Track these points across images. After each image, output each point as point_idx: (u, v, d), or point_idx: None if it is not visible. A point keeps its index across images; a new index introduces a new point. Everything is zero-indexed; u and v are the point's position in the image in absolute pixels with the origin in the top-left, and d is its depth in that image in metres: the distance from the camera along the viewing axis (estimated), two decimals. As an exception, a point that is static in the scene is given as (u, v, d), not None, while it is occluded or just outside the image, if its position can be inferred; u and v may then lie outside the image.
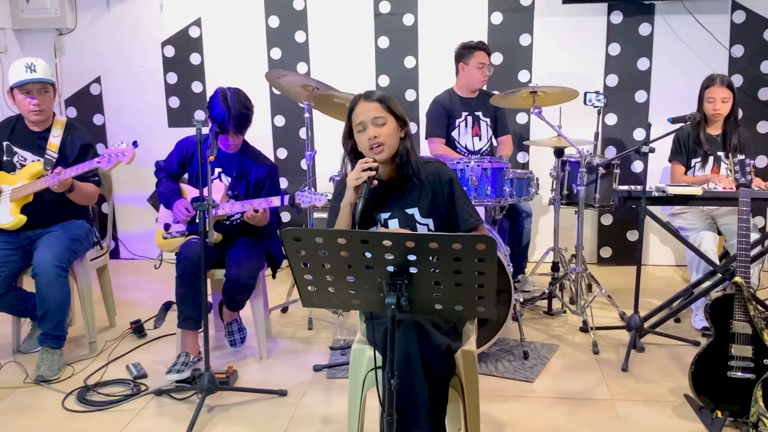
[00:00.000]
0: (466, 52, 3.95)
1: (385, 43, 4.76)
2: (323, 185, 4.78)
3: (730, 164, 3.51)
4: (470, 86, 4.02)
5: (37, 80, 3.04)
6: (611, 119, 4.69)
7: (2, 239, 3.09)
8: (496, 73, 4.28)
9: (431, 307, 1.73)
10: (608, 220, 4.80)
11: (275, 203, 2.98)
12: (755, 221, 4.49)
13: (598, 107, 3.90)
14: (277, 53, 4.85)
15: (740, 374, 2.45)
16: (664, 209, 3.87)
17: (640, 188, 3.11)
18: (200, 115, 4.93)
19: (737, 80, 4.45)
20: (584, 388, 2.85)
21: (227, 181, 3.13)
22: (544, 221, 4.79)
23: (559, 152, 3.63)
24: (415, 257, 1.62)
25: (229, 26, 4.85)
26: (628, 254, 4.77)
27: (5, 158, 3.15)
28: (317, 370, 3.05)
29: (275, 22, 4.82)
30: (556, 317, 3.72)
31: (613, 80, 4.64)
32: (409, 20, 4.72)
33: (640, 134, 4.67)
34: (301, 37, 4.81)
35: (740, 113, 3.90)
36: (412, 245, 1.60)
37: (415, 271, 1.65)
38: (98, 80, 5.04)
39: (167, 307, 3.83)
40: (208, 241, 2.62)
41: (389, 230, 2.19)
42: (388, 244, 1.61)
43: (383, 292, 1.68)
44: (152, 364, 3.13)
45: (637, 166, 4.71)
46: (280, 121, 4.94)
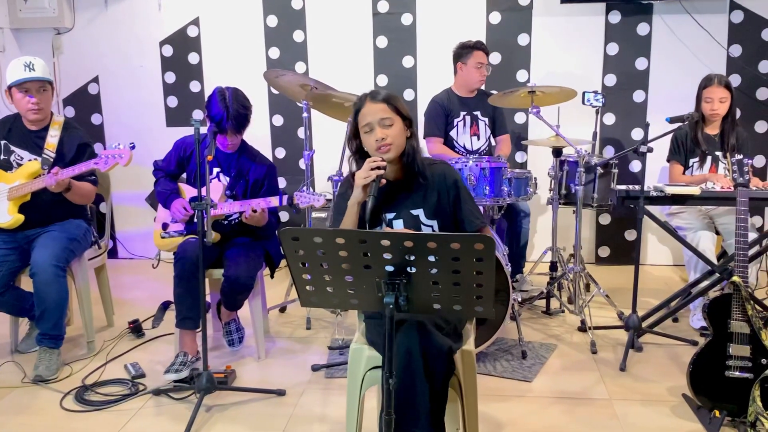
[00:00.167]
0: (464, 51, 3.95)
1: (383, 42, 4.76)
2: (321, 185, 4.78)
3: (728, 164, 3.52)
4: (468, 86, 4.02)
5: (35, 79, 3.04)
6: (609, 119, 4.69)
7: (0, 239, 3.08)
8: (494, 72, 4.28)
9: (429, 306, 1.74)
10: (606, 219, 4.81)
11: (274, 203, 2.98)
12: (753, 221, 4.50)
13: (596, 107, 3.90)
14: (275, 53, 4.85)
15: (738, 374, 2.45)
16: (662, 209, 3.87)
17: (638, 188, 3.11)
18: (198, 114, 4.93)
19: (735, 80, 4.46)
20: (582, 387, 2.85)
21: (225, 180, 3.12)
22: (542, 221, 4.79)
23: (557, 152, 3.63)
24: (413, 257, 1.62)
25: (227, 26, 4.85)
26: (626, 254, 4.78)
27: (2, 157, 3.15)
28: (315, 369, 3.05)
29: (273, 21, 4.81)
30: (554, 317, 3.72)
31: (611, 80, 4.64)
32: (407, 20, 4.72)
33: (638, 134, 4.67)
34: (299, 36, 4.81)
35: (738, 113, 3.91)
36: (410, 245, 1.60)
37: (413, 270, 1.65)
38: (96, 80, 5.03)
39: (165, 306, 3.83)
40: (206, 240, 2.61)
41: (391, 231, 2.19)
42: (386, 243, 1.61)
43: (381, 291, 1.68)
44: (150, 363, 3.13)
45: (635, 165, 4.71)
46: (278, 120, 4.94)
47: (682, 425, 2.52)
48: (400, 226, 2.22)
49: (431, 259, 1.62)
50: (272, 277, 3.41)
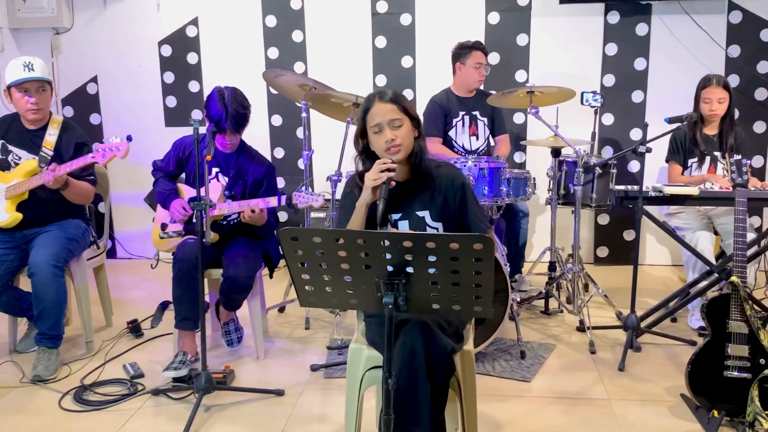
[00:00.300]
0: (463, 51, 3.96)
1: (382, 42, 4.76)
2: (320, 185, 4.77)
3: (726, 164, 3.52)
4: (467, 86, 4.02)
5: (34, 79, 3.03)
6: (608, 119, 4.69)
7: (-1, 238, 3.08)
8: (493, 73, 4.28)
9: (428, 306, 1.74)
10: (605, 219, 4.81)
11: (272, 204, 2.98)
12: (751, 221, 4.50)
13: (595, 107, 3.90)
14: (274, 53, 4.85)
15: (736, 374, 2.45)
16: (660, 209, 3.88)
17: (636, 188, 3.11)
18: (197, 114, 4.93)
19: (734, 80, 4.46)
20: (581, 387, 2.85)
21: (224, 181, 3.12)
22: (541, 221, 4.79)
23: (556, 152, 3.63)
24: (412, 257, 1.62)
25: (226, 26, 4.85)
26: (624, 254, 4.78)
27: (0, 157, 3.15)
28: (314, 369, 3.05)
29: (272, 21, 4.81)
30: (553, 317, 3.72)
31: (610, 80, 4.65)
32: (406, 20, 4.72)
33: (636, 134, 4.68)
34: (298, 36, 4.81)
35: (737, 113, 3.91)
36: (409, 245, 1.60)
37: (412, 270, 1.65)
38: (95, 79, 5.03)
39: (164, 306, 3.82)
40: (205, 240, 2.61)
41: (392, 231, 2.19)
42: (386, 243, 1.61)
43: (381, 291, 1.68)
44: (149, 363, 3.13)
45: (633, 165, 4.71)
46: (277, 120, 4.94)
47: (680, 425, 2.52)
48: (405, 227, 2.22)
49: (430, 259, 1.62)
50: (271, 277, 3.40)
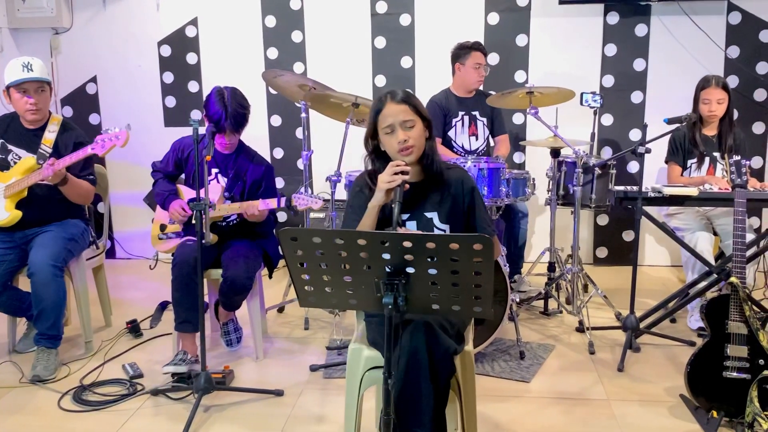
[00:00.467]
0: (462, 52, 3.96)
1: (381, 43, 4.76)
2: (320, 185, 4.78)
3: (725, 165, 3.52)
4: (466, 86, 4.02)
5: (33, 79, 3.03)
6: (607, 120, 4.69)
7: (-2, 238, 3.08)
8: (492, 73, 4.29)
9: (428, 307, 1.74)
10: (604, 220, 4.81)
11: (272, 205, 2.98)
12: (750, 222, 4.51)
13: (594, 108, 3.90)
14: (273, 53, 4.85)
15: (735, 374, 2.45)
16: (659, 210, 3.88)
17: (636, 189, 3.11)
18: (197, 114, 4.93)
19: (733, 81, 4.47)
20: (580, 388, 2.85)
21: (224, 182, 3.12)
22: (540, 221, 4.80)
23: (555, 153, 3.63)
24: (412, 257, 1.62)
25: (225, 26, 4.85)
26: (623, 254, 4.78)
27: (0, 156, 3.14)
28: (314, 370, 3.05)
29: (272, 21, 4.81)
30: (552, 317, 3.73)
31: (609, 81, 4.65)
32: (405, 20, 4.72)
33: (636, 135, 4.68)
34: (297, 36, 4.81)
35: (736, 114, 3.91)
36: (409, 245, 1.60)
37: (412, 271, 1.65)
38: (94, 80, 5.03)
39: (163, 306, 3.82)
40: (204, 241, 2.61)
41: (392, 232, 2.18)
42: (385, 244, 1.61)
43: (380, 292, 1.67)
44: (148, 363, 3.13)
45: (633, 166, 4.72)
46: (276, 121, 4.94)
47: (679, 426, 2.53)
48: (413, 227, 2.21)
49: (430, 259, 1.62)
50: (270, 277, 3.40)
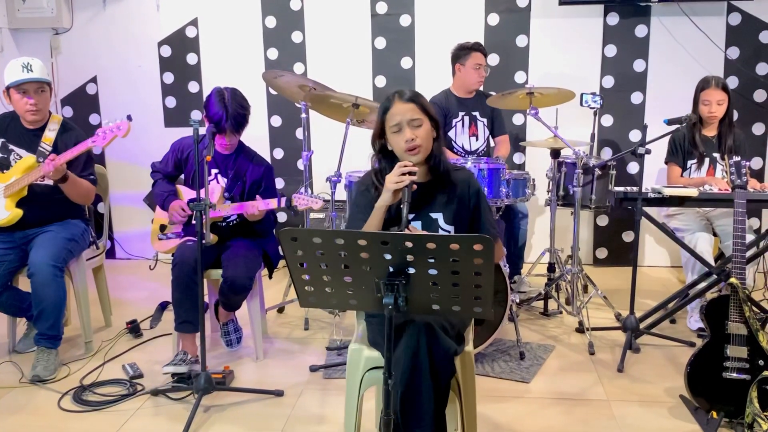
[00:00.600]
0: (462, 53, 3.96)
1: (381, 43, 4.76)
2: (320, 186, 4.78)
3: (725, 166, 3.53)
4: (467, 87, 4.03)
5: (33, 80, 3.03)
6: (607, 120, 4.70)
7: (-2, 238, 3.08)
8: (492, 74, 4.29)
9: (428, 307, 1.74)
10: (604, 221, 4.81)
11: (272, 205, 2.98)
12: (750, 223, 4.51)
13: (594, 108, 3.90)
14: (273, 53, 4.85)
15: (735, 375, 2.46)
16: (659, 210, 3.88)
17: (636, 189, 3.11)
18: (197, 115, 4.92)
19: (732, 82, 4.47)
20: (580, 388, 2.85)
21: (224, 182, 3.12)
22: (540, 222, 4.80)
23: (555, 153, 3.64)
24: (412, 257, 1.62)
25: (225, 26, 4.85)
26: (623, 255, 4.78)
27: (0, 155, 3.14)
28: (314, 370, 3.05)
29: (272, 22, 4.81)
30: (552, 318, 3.73)
31: (609, 81, 4.65)
32: (405, 21, 4.72)
33: (636, 135, 4.68)
34: (297, 37, 4.81)
35: (735, 115, 3.92)
36: (410, 245, 1.60)
37: (412, 271, 1.65)
38: (94, 80, 5.03)
39: (163, 307, 3.82)
40: (204, 242, 2.61)
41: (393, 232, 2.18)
42: (386, 244, 1.61)
43: (381, 292, 1.68)
44: (148, 364, 3.13)
45: (632, 167, 4.72)
46: (276, 121, 4.94)
47: (679, 426, 2.53)
48: (418, 227, 2.20)
49: (430, 260, 1.62)
50: (270, 277, 3.40)
